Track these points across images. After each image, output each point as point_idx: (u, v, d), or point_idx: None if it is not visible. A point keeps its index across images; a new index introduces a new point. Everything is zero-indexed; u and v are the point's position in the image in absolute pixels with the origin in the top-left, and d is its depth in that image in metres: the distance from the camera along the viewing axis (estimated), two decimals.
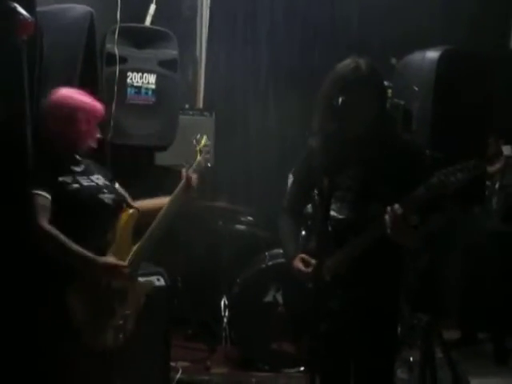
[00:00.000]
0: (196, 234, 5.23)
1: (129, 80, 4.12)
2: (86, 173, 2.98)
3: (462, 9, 5.59)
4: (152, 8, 4.68)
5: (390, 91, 3.91)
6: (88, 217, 2.85)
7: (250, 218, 5.14)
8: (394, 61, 4.22)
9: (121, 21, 4.07)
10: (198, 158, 3.19)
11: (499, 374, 4.39)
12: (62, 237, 2.72)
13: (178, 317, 4.53)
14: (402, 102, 3.57)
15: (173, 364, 4.03)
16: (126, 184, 3.18)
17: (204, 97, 5.82)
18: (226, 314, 4.76)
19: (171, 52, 4.28)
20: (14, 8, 2.43)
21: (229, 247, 5.07)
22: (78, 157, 2.99)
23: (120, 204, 3.02)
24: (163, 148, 4.45)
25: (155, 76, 4.19)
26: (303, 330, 2.52)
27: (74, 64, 3.39)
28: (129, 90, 4.12)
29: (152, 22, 4.64)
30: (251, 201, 5.57)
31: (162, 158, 4.76)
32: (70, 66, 3.37)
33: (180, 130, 4.40)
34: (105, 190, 2.96)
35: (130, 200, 3.15)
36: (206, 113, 5.33)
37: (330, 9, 5.83)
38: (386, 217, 2.42)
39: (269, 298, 4.36)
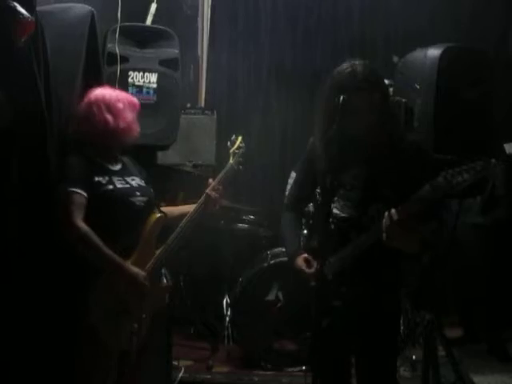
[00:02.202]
0: (198, 232, 5.22)
1: (130, 79, 4.12)
2: (122, 173, 3.05)
3: (462, 6, 5.58)
4: (153, 7, 4.68)
5: (391, 89, 3.91)
6: (117, 218, 2.91)
7: (251, 217, 5.13)
8: (395, 59, 4.22)
9: (122, 20, 4.06)
10: (231, 161, 3.19)
11: (502, 371, 4.38)
12: (95, 237, 2.78)
13: (180, 316, 4.55)
14: (404, 100, 3.57)
15: (175, 363, 4.04)
16: None
17: (206, 96, 5.82)
18: (228, 312, 4.76)
19: (172, 51, 4.27)
20: (14, 7, 2.43)
21: (231, 246, 5.07)
22: (116, 155, 3.07)
23: (151, 207, 3.06)
24: (165, 147, 4.45)
25: (156, 75, 4.19)
26: (305, 329, 2.52)
27: (77, 64, 3.38)
28: (130, 89, 4.11)
29: (153, 21, 4.64)
30: (253, 199, 5.56)
31: (163, 157, 4.76)
32: (72, 66, 3.36)
33: (181, 129, 4.40)
34: (137, 193, 3.01)
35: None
36: (207, 112, 5.32)
37: (331, 8, 5.82)
38: (383, 221, 2.42)
39: (271, 297, 4.35)
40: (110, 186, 2.93)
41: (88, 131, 2.99)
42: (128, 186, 3.01)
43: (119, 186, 2.96)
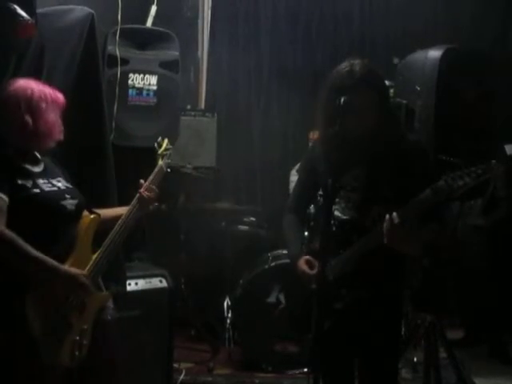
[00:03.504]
0: (199, 234, 5.23)
1: (130, 81, 4.12)
2: (46, 174, 2.73)
3: (463, 8, 5.58)
4: (153, 9, 4.68)
5: (392, 91, 3.92)
6: (48, 224, 2.62)
7: (252, 219, 5.13)
8: (396, 60, 4.22)
9: (122, 22, 4.06)
10: (160, 162, 3.01)
11: (503, 373, 4.37)
12: (21, 242, 2.48)
13: (180, 318, 4.53)
14: (405, 102, 3.57)
15: (176, 365, 4.03)
16: (128, 185, 3.16)
17: (206, 97, 5.82)
18: (229, 315, 4.76)
19: (173, 53, 4.28)
20: (14, 9, 2.43)
21: (231, 248, 5.07)
22: (37, 155, 2.74)
23: (81, 209, 2.80)
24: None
25: (157, 77, 4.19)
26: (306, 331, 2.51)
27: (75, 66, 3.38)
28: (130, 91, 4.12)
29: (153, 23, 4.64)
30: (254, 201, 5.57)
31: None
32: (70, 68, 3.36)
33: (182, 131, 4.39)
34: (67, 196, 2.71)
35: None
36: (208, 113, 5.33)
37: (331, 9, 5.83)
38: (384, 225, 2.42)
39: (272, 299, 4.35)
40: (36, 190, 2.60)
41: (5, 128, 2.64)
42: (56, 188, 2.70)
43: (46, 189, 2.65)
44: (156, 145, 3.08)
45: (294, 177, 5.13)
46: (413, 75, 3.61)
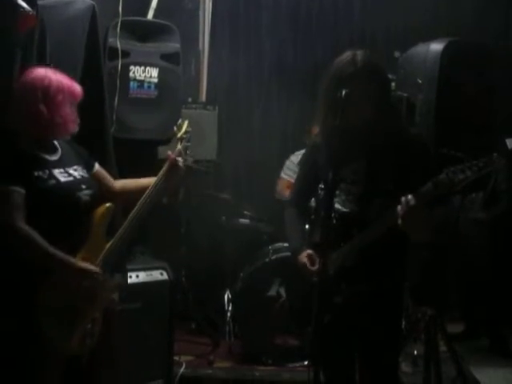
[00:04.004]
0: (199, 228, 5.23)
1: (131, 74, 4.11)
2: (63, 163, 2.72)
3: (464, 1, 5.56)
4: (154, 1, 4.68)
5: (393, 84, 3.91)
6: (63, 215, 2.63)
7: (252, 212, 5.13)
8: (397, 54, 4.21)
9: (123, 14, 4.06)
10: (178, 146, 2.94)
11: (504, 366, 4.38)
12: (39, 238, 2.52)
13: (181, 311, 4.54)
14: (406, 95, 3.57)
15: (176, 358, 4.03)
16: (129, 177, 3.15)
17: (207, 90, 5.81)
18: (230, 308, 4.76)
19: (174, 45, 4.27)
20: (15, 1, 2.42)
21: (232, 241, 5.07)
22: (55, 143, 2.75)
23: (96, 199, 2.79)
24: (166, 142, 4.44)
25: (158, 70, 4.18)
26: (306, 324, 2.51)
27: (76, 58, 3.38)
28: (131, 83, 4.11)
29: (154, 16, 4.63)
30: (254, 194, 5.56)
31: (164, 152, 4.74)
32: (72, 60, 3.35)
33: None
34: (83, 186, 2.73)
35: (111, 181, 2.97)
36: (209, 106, 5.31)
37: (332, 3, 5.81)
38: (399, 207, 2.40)
39: (272, 292, 4.35)
40: (53, 181, 2.62)
41: (20, 118, 2.63)
42: (72, 178, 2.70)
43: (62, 179, 2.66)
44: (175, 128, 3.02)
45: (295, 160, 5.13)
46: (414, 69, 3.60)
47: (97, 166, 2.92)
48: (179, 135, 3.00)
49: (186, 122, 3.03)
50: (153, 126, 4.15)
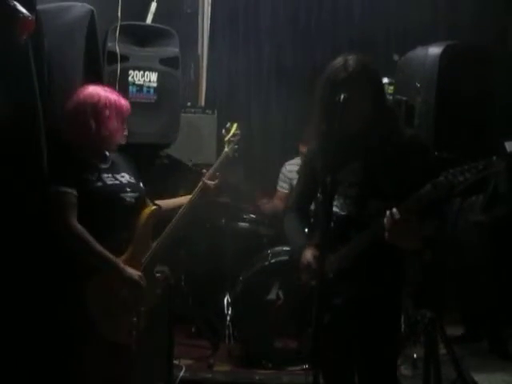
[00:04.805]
0: (199, 231, 5.22)
1: (130, 78, 4.12)
2: (112, 170, 2.99)
3: (463, 4, 5.58)
4: (153, 6, 4.68)
5: (392, 87, 3.92)
6: (108, 215, 2.88)
7: (252, 216, 5.13)
8: (396, 57, 4.22)
9: (122, 19, 4.06)
10: (226, 149, 3.17)
11: (503, 369, 4.38)
12: (90, 237, 2.78)
13: (181, 314, 4.54)
14: (405, 98, 3.57)
15: (176, 362, 4.03)
16: None
17: (206, 94, 5.82)
18: (229, 311, 4.76)
19: (173, 50, 4.27)
20: (14, 6, 2.42)
21: (231, 245, 5.06)
22: (106, 153, 3.01)
23: (142, 202, 3.04)
24: (165, 146, 4.45)
25: (157, 74, 4.18)
26: (306, 327, 2.52)
27: (77, 63, 3.38)
28: (130, 88, 4.11)
29: (153, 20, 4.64)
30: (253, 198, 5.56)
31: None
32: (72, 65, 3.36)
33: (182, 128, 4.39)
34: (128, 189, 2.97)
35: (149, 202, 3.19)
36: (208, 110, 5.33)
37: (331, 6, 5.82)
38: (385, 220, 2.42)
39: (272, 296, 4.35)
40: (99, 183, 2.90)
41: (72, 132, 2.94)
42: (118, 182, 2.97)
43: (109, 182, 2.93)
44: (224, 131, 3.18)
45: (285, 171, 5.14)
46: (413, 72, 3.60)
47: (141, 184, 3.14)
48: (227, 138, 3.19)
49: (234, 125, 3.24)
50: (152, 130, 4.15)
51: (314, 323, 2.31)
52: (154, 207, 3.05)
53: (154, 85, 4.19)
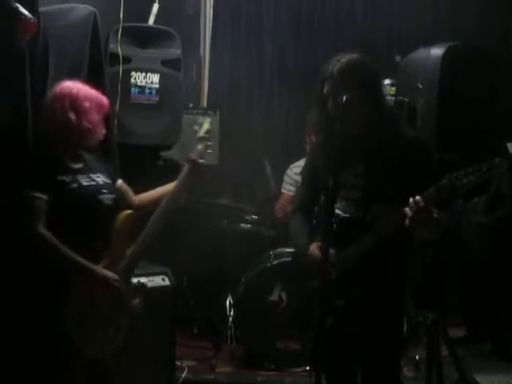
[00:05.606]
0: (201, 233, 5.23)
1: (132, 80, 4.13)
2: (87, 170, 2.86)
3: (465, 6, 5.57)
4: (155, 7, 4.68)
5: (394, 88, 3.91)
6: (86, 217, 2.75)
7: (254, 217, 5.13)
8: (398, 58, 4.22)
9: (124, 20, 4.06)
10: (199, 146, 3.01)
11: (506, 370, 4.37)
12: (58, 243, 2.63)
13: (183, 316, 4.54)
14: (407, 99, 3.56)
15: (178, 363, 4.03)
16: (130, 183, 3.17)
17: (208, 96, 5.82)
18: (232, 312, 4.75)
19: (175, 51, 4.28)
20: (16, 8, 2.43)
21: (234, 246, 5.06)
22: (79, 153, 2.88)
23: (119, 204, 2.91)
24: (167, 147, 4.45)
25: (159, 75, 4.19)
26: (308, 329, 2.52)
27: (79, 64, 3.39)
28: (132, 89, 4.13)
29: (155, 22, 4.64)
30: (255, 199, 5.56)
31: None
32: (74, 67, 3.37)
33: (184, 130, 4.40)
34: (104, 190, 2.85)
35: (132, 196, 3.06)
36: (210, 112, 5.33)
37: (334, 7, 5.82)
38: (407, 208, 2.40)
39: (274, 297, 4.35)
40: (75, 185, 2.76)
41: (50, 126, 2.79)
42: (94, 183, 2.84)
43: (85, 183, 2.80)
44: (196, 127, 3.10)
45: (291, 174, 5.13)
46: (415, 73, 3.60)
47: (120, 181, 3.03)
48: (200, 135, 3.04)
49: (207, 121, 3.14)
50: (154, 132, 4.16)
51: (316, 324, 2.31)
52: (129, 211, 2.89)
53: (156, 86, 4.20)
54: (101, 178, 2.89)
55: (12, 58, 2.66)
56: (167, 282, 3.75)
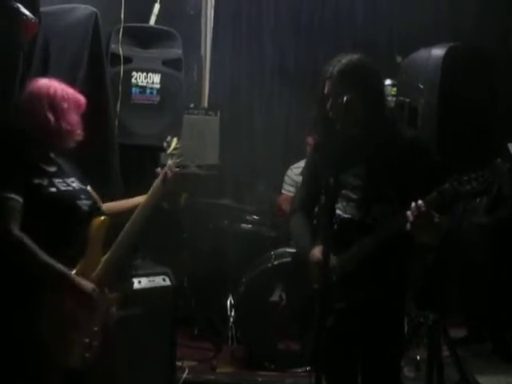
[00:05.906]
0: (202, 233, 5.23)
1: (133, 80, 4.12)
2: (61, 174, 2.74)
3: (466, 6, 5.57)
4: (156, 7, 4.68)
5: (394, 89, 3.92)
6: (63, 224, 2.63)
7: (255, 217, 5.13)
8: (399, 59, 4.22)
9: (125, 20, 4.06)
10: (169, 162, 2.98)
11: (506, 371, 4.37)
12: (33, 246, 2.50)
13: (183, 316, 4.54)
14: (408, 100, 3.56)
15: (179, 363, 4.03)
16: (131, 183, 3.17)
17: (209, 96, 5.82)
18: (232, 313, 4.76)
19: (176, 51, 4.27)
20: (18, 8, 2.43)
21: (234, 246, 5.07)
22: (51, 155, 2.76)
23: (94, 210, 2.80)
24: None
25: (160, 76, 4.18)
26: (309, 329, 2.52)
27: (80, 64, 3.39)
28: (133, 89, 4.12)
29: (156, 22, 4.64)
30: (256, 200, 5.56)
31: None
32: (75, 67, 3.37)
33: (185, 130, 4.39)
34: (82, 196, 2.75)
35: (100, 204, 2.95)
36: (210, 112, 5.33)
37: (335, 7, 5.82)
38: (408, 212, 2.40)
39: (275, 298, 4.35)
40: (53, 189, 2.63)
41: (26, 126, 2.66)
42: (71, 188, 2.72)
43: (62, 188, 2.67)
44: (165, 144, 3.06)
45: (291, 174, 5.14)
46: (416, 73, 3.60)
47: (89, 187, 2.91)
48: (169, 151, 3.03)
49: (175, 139, 3.07)
50: (155, 132, 4.15)
51: (317, 325, 2.31)
52: (103, 217, 2.77)
53: (157, 86, 4.19)
54: (76, 183, 2.78)
55: (11, 58, 2.65)
56: (168, 283, 3.75)
